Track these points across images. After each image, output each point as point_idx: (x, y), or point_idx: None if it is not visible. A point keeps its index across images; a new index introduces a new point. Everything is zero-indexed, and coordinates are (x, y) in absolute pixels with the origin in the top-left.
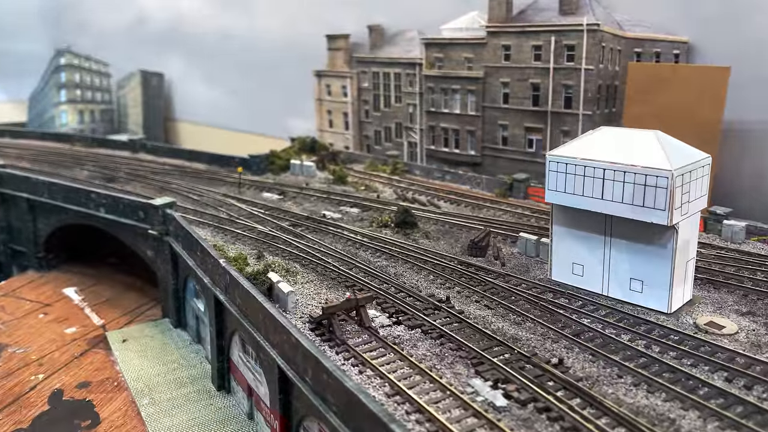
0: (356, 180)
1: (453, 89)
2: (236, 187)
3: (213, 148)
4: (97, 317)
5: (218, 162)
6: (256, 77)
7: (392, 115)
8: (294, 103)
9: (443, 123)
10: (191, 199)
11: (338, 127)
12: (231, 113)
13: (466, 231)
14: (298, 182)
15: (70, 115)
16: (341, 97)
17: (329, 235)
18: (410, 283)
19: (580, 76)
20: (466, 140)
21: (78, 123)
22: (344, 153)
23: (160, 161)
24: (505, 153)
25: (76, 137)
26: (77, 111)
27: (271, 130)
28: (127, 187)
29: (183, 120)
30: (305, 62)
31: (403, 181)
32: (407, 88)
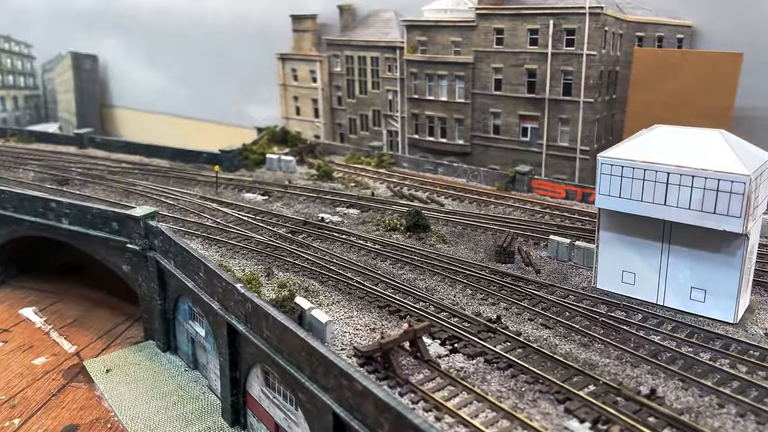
0: (343, 175)
1: (439, 75)
2: (212, 187)
3: (162, 137)
4: (68, 343)
5: (183, 158)
6: (208, 60)
7: (369, 102)
8: (252, 88)
9: (428, 111)
10: (166, 204)
11: (306, 114)
12: (180, 100)
13: (481, 232)
14: (279, 179)
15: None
16: (310, 82)
17: (336, 242)
18: (448, 299)
19: (581, 62)
20: (453, 129)
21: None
22: (322, 145)
23: (114, 158)
24: (496, 142)
25: (9, 131)
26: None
27: (227, 117)
28: (85, 190)
29: (122, 106)
30: (263, 44)
31: (393, 174)
32: (386, 74)
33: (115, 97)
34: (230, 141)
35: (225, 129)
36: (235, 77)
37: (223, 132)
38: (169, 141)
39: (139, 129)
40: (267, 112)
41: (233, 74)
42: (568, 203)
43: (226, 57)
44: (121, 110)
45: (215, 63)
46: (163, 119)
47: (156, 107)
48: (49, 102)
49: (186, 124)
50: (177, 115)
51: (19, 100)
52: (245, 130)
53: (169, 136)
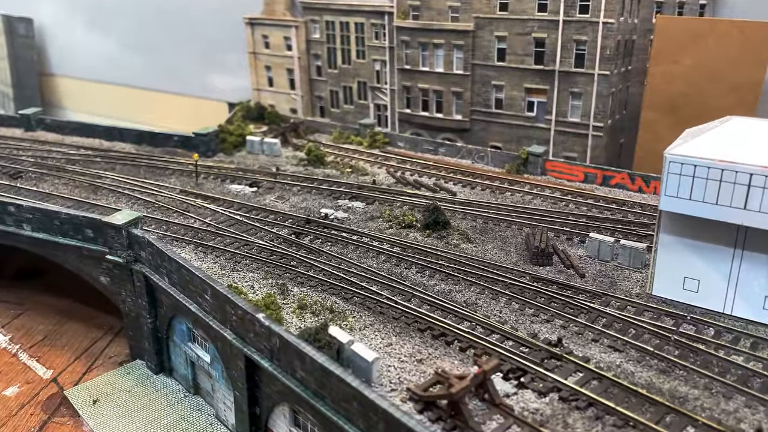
0: (335, 159)
1: (435, 44)
2: (191, 177)
3: (115, 110)
4: (42, 366)
5: (150, 141)
6: (163, 24)
7: (353, 73)
8: (215, 56)
9: (422, 83)
10: (142, 201)
11: (281, 86)
12: (133, 69)
13: (506, 226)
14: (264, 165)
15: None
16: (284, 50)
17: (350, 245)
18: (494, 315)
19: (596, 31)
20: (450, 103)
21: None
22: (305, 122)
23: (69, 142)
24: (499, 117)
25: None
26: None
27: (190, 88)
28: (44, 185)
29: (64, 75)
30: (228, 6)
31: (390, 157)
32: (373, 42)
33: (55, 66)
34: (195, 115)
35: (188, 101)
36: (195, 44)
37: (186, 104)
38: (124, 114)
39: (87, 100)
40: (235, 82)
41: (193, 40)
42: (588, 187)
43: (184, 20)
44: (64, 79)
45: (172, 27)
46: (114, 90)
47: (104, 76)
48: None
49: (142, 96)
50: (130, 85)
51: None
52: (211, 102)
53: (123, 108)
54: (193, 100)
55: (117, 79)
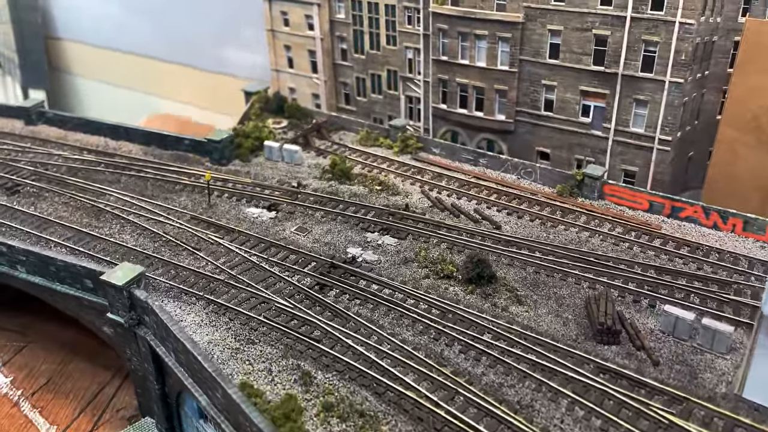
0: (363, 171)
1: (477, 35)
2: (203, 194)
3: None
4: (45, 421)
5: (159, 143)
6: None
7: (382, 60)
8: (231, 29)
9: (460, 77)
10: (149, 231)
11: (302, 68)
12: (143, 36)
13: (561, 278)
14: (284, 177)
15: None
16: (305, 29)
17: (381, 306)
18: (554, 427)
19: (671, 32)
20: (493, 101)
21: None
22: (329, 119)
23: (72, 140)
24: (548, 121)
25: None
26: None
27: (203, 62)
28: (42, 204)
29: (71, 39)
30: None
31: (424, 169)
32: (405, 27)
33: (61, 29)
34: (209, 90)
35: (201, 75)
36: (210, 14)
37: (199, 78)
38: (135, 84)
39: (96, 67)
40: (252, 58)
41: (208, 10)
42: (654, 220)
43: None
44: (72, 44)
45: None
46: (123, 57)
47: (113, 43)
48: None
49: (152, 66)
50: (139, 53)
51: None
52: (227, 78)
53: (134, 79)
54: (206, 75)
55: (125, 46)
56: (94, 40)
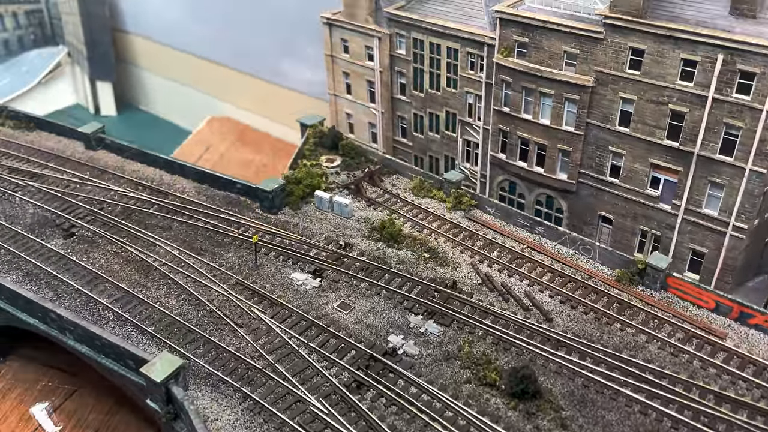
0: (412, 233)
1: (542, 92)
2: (251, 249)
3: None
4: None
5: (212, 183)
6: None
7: (441, 101)
8: (293, 44)
9: (522, 131)
10: (194, 298)
11: (360, 96)
12: (202, 38)
13: (611, 396)
14: (331, 232)
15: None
16: (365, 60)
17: (417, 420)
18: None
19: (757, 119)
20: (555, 160)
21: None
22: (383, 161)
23: (129, 172)
24: (613, 188)
25: (7, 111)
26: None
27: (261, 71)
28: (94, 253)
29: (138, 34)
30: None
31: (476, 234)
32: (467, 72)
33: (129, 23)
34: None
35: (259, 84)
36: (271, 26)
37: (258, 87)
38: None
39: (161, 63)
40: (309, 75)
41: (272, 23)
42: (719, 324)
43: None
44: (138, 38)
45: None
46: (187, 58)
47: (177, 42)
48: (54, 18)
49: (214, 69)
50: (202, 56)
51: (19, 16)
52: (284, 90)
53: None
54: (265, 84)
55: (188, 47)
56: (160, 37)
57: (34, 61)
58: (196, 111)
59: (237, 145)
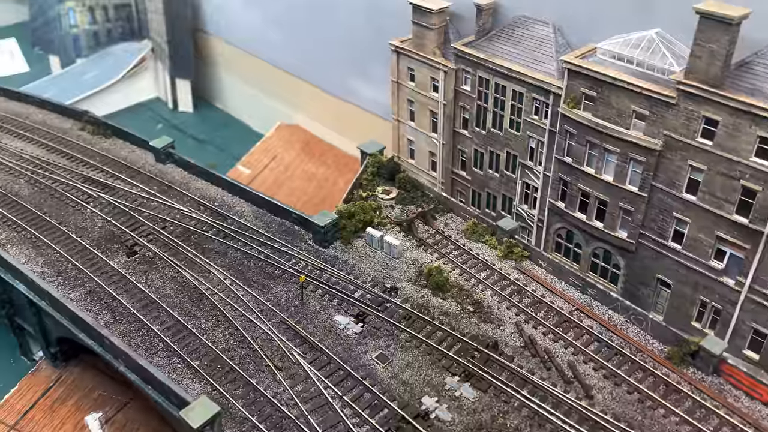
0: (459, 282)
1: (606, 149)
2: (296, 284)
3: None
4: None
5: (269, 209)
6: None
7: (503, 141)
8: (362, 63)
9: (583, 184)
10: (239, 334)
11: (422, 125)
12: (276, 47)
13: None
14: (379, 273)
15: (80, 15)
16: (429, 90)
17: None
18: None
19: None
20: (615, 217)
21: (89, 24)
22: (438, 199)
23: (192, 191)
24: (675, 254)
25: (87, 116)
26: (87, 9)
27: (331, 85)
28: (153, 276)
29: (217, 36)
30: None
31: (525, 288)
32: (531, 117)
33: (209, 24)
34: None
35: (327, 97)
36: (344, 43)
37: (325, 100)
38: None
39: (237, 67)
40: (375, 95)
41: (343, 38)
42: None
43: (336, 13)
44: (217, 40)
45: (322, 17)
46: (259, 64)
47: (253, 48)
48: (140, 12)
49: (286, 78)
50: (275, 64)
51: (109, 10)
52: (350, 107)
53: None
54: (333, 99)
55: (263, 54)
56: (237, 41)
57: (120, 54)
58: (268, 115)
59: (302, 155)
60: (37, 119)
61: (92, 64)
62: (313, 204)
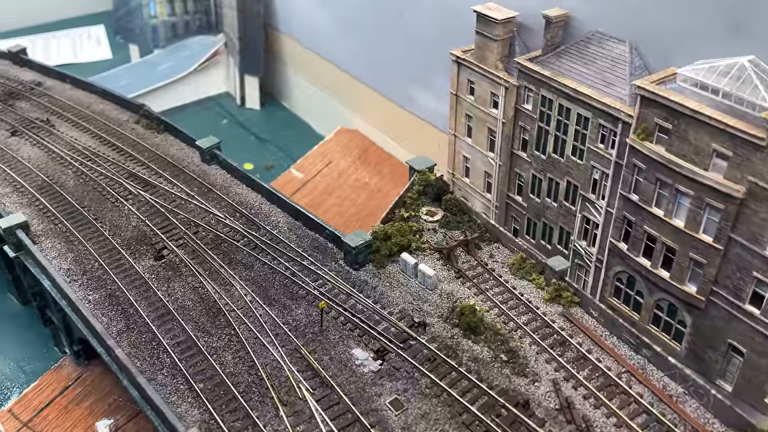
0: (496, 323)
1: (679, 190)
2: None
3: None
4: None
5: (304, 222)
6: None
7: (563, 168)
8: (423, 72)
9: (650, 226)
10: (249, 358)
11: (479, 142)
12: (344, 50)
13: None
14: (408, 305)
15: (160, 6)
16: (489, 106)
17: None
18: None
19: None
20: (684, 267)
21: (168, 14)
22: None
23: (232, 195)
24: (752, 319)
25: (143, 110)
26: (167, 0)
27: (392, 92)
28: (175, 284)
29: (287, 34)
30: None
31: (569, 341)
32: (596, 145)
33: (280, 22)
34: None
35: (387, 104)
36: (410, 47)
37: (385, 107)
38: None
39: (304, 66)
40: (434, 106)
41: (409, 43)
42: None
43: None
44: (287, 38)
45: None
46: (326, 66)
47: (320, 49)
48: (218, 7)
49: (350, 81)
50: (339, 65)
51: (188, 3)
52: (409, 116)
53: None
54: (392, 106)
55: (329, 55)
56: (306, 41)
57: (195, 47)
58: (331, 118)
59: (357, 163)
60: (96, 109)
61: (167, 55)
62: (361, 216)
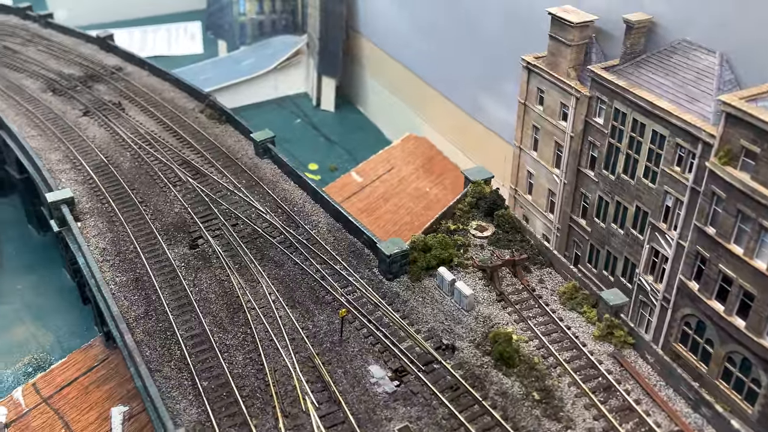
0: (534, 355)
1: (764, 226)
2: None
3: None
4: None
5: (344, 224)
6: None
7: (633, 192)
8: (493, 79)
9: (726, 266)
10: (259, 360)
11: (545, 156)
12: (420, 55)
13: None
14: (439, 325)
15: (249, 4)
16: (557, 118)
17: None
18: None
19: None
20: (763, 318)
21: (257, 12)
22: (538, 246)
23: (278, 191)
24: None
25: (208, 100)
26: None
27: (460, 99)
28: (203, 275)
29: (366, 36)
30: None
31: (615, 386)
32: (671, 168)
33: (360, 24)
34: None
35: (457, 111)
36: (482, 54)
37: (455, 114)
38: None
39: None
40: (505, 116)
41: (481, 49)
42: None
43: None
44: (366, 41)
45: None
46: (401, 71)
47: (396, 52)
48: (305, 7)
49: (422, 87)
50: (414, 71)
51: (276, 2)
52: (476, 124)
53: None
54: (461, 114)
55: (405, 60)
56: (382, 44)
57: (278, 46)
58: (401, 124)
59: (420, 171)
60: (166, 96)
61: (251, 52)
62: (414, 226)
